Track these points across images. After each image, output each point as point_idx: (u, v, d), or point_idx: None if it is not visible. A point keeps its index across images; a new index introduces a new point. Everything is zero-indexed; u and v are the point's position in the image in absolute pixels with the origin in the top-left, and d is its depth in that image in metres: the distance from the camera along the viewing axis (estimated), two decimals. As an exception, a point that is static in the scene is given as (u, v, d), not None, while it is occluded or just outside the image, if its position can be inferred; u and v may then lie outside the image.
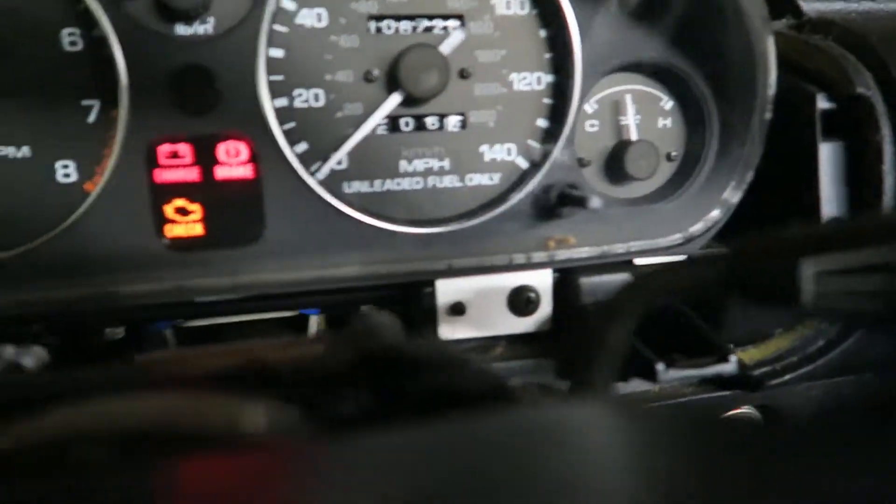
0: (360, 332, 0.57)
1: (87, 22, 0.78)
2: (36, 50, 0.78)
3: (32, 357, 0.72)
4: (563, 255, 0.90)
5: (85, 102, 0.80)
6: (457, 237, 0.90)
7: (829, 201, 0.85)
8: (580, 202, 0.84)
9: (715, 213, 0.93)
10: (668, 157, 0.95)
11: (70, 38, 0.79)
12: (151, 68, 0.79)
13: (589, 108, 0.92)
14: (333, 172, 0.87)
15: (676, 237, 0.93)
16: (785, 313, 0.90)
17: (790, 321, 0.93)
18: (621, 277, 0.91)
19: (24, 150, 0.80)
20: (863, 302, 0.45)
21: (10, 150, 0.80)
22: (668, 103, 0.94)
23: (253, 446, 0.37)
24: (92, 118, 0.81)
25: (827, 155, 0.85)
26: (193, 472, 0.30)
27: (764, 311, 0.91)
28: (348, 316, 0.99)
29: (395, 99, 0.85)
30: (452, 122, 0.89)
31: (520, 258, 0.90)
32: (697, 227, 0.93)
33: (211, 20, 0.81)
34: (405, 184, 0.90)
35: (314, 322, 1.04)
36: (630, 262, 0.94)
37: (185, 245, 0.84)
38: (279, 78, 0.83)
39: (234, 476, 0.30)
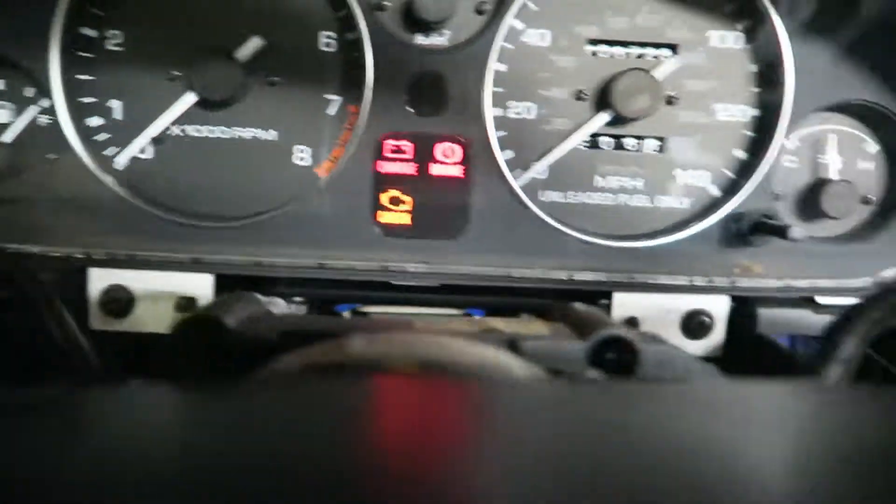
0: (581, 318, 0.63)
1: (343, 27, 0.88)
2: (296, 48, 0.89)
3: (278, 306, 0.83)
4: (745, 283, 0.92)
5: (328, 96, 0.91)
6: (641, 254, 0.94)
7: None
8: (779, 232, 0.86)
9: (909, 262, 0.92)
10: (865, 201, 0.95)
11: (326, 40, 0.90)
12: (393, 71, 0.88)
13: (790, 143, 0.93)
14: (533, 181, 0.94)
15: (865, 280, 0.93)
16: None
17: None
18: (802, 314, 0.92)
19: (272, 133, 0.92)
20: None
21: (260, 132, 0.91)
22: (872, 147, 0.94)
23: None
24: (332, 111, 0.91)
25: None
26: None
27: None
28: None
29: (603, 118, 0.90)
30: (651, 144, 0.94)
31: (700, 281, 0.93)
32: (889, 273, 0.92)
33: (447, 33, 0.90)
34: (597, 198, 0.95)
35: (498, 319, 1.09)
36: (811, 299, 0.94)
37: (393, 231, 0.93)
38: (499, 90, 0.91)
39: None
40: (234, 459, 0.29)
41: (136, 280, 0.88)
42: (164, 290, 0.88)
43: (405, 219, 0.93)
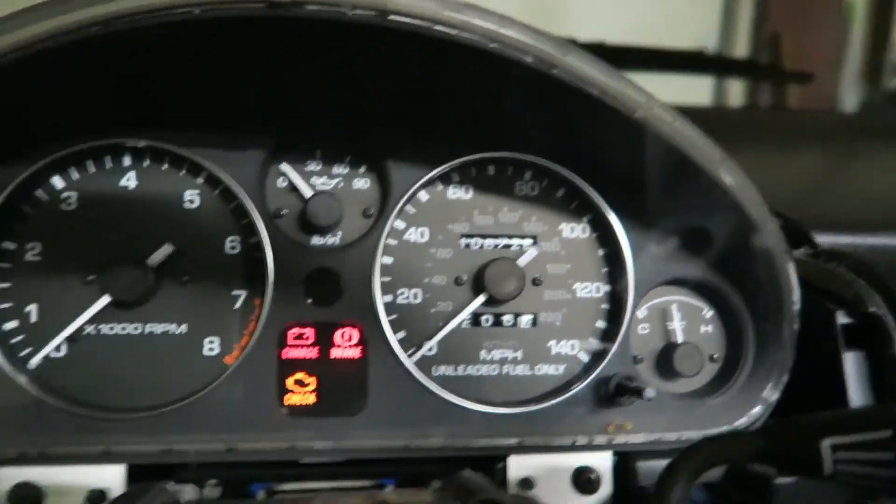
0: (464, 485, 0.70)
1: (246, 232, 1.01)
2: (204, 251, 1.01)
3: (187, 494, 0.86)
4: (620, 439, 1.02)
5: (234, 292, 1.01)
6: (527, 418, 1.03)
7: (857, 405, 0.97)
8: (637, 392, 0.98)
9: (757, 410, 1.04)
10: (712, 359, 1.10)
11: (231, 244, 1.02)
12: (292, 268, 1.00)
13: (640, 313, 1.08)
14: (425, 357, 1.04)
15: (723, 429, 1.04)
16: (836, 496, 0.96)
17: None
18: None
19: (183, 328, 1.00)
20: (877, 470, 0.56)
21: (172, 327, 1.00)
22: (708, 312, 1.10)
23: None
24: (238, 305, 1.01)
25: (851, 363, 0.98)
26: None
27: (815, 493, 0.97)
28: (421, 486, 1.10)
29: (480, 299, 1.04)
30: (525, 320, 1.07)
31: (582, 440, 1.02)
32: (742, 421, 1.04)
33: (339, 234, 1.04)
34: (483, 370, 1.06)
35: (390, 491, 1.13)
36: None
37: (300, 411, 0.99)
38: (387, 279, 1.04)
39: None
40: None
41: (46, 476, 0.90)
42: (75, 484, 0.90)
43: (310, 399, 1.00)
